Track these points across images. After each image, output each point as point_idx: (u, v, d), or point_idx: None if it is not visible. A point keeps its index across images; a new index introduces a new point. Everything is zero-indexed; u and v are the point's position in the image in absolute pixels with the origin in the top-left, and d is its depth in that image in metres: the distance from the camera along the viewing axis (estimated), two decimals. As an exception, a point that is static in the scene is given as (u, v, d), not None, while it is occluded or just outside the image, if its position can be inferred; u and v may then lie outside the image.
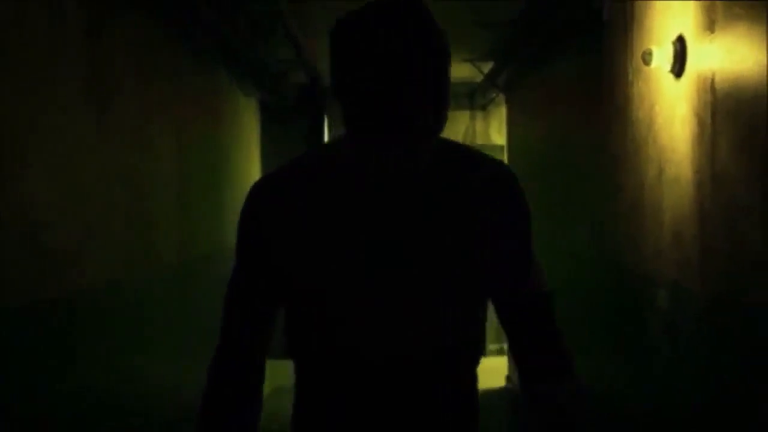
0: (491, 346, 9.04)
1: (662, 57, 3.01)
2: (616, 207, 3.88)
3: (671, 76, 3.05)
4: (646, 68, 3.21)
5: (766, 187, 2.35)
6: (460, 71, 7.35)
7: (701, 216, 2.85)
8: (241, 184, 5.58)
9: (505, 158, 7.28)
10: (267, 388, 1.60)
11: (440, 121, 1.42)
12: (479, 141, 8.75)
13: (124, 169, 3.06)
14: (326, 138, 8.29)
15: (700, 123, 2.84)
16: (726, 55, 2.63)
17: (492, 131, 8.94)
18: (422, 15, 1.40)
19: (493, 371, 7.52)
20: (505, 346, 7.94)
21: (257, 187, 1.50)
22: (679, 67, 2.97)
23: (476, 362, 1.54)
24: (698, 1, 2.83)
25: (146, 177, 3.36)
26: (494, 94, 8.03)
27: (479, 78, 7.60)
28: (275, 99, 6.74)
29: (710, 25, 2.73)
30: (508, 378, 7.47)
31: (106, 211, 2.91)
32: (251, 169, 6.10)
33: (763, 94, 2.36)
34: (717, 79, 2.69)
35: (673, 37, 3.01)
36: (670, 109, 3.13)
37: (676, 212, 3.09)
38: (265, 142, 6.67)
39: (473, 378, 1.54)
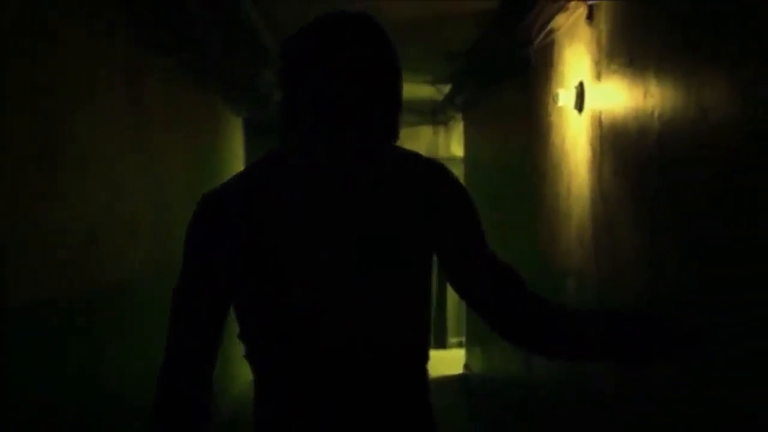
0: (452, 339, 9.87)
1: (567, 97, 3.89)
2: (542, 214, 4.76)
3: (576, 112, 3.93)
4: (558, 105, 4.10)
5: (634, 203, 3.22)
6: (424, 91, 8.12)
7: (594, 224, 3.70)
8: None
9: (462, 169, 8.10)
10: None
11: (395, 126, 1.52)
12: (441, 153, 9.41)
13: (153, 179, 3.84)
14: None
15: (593, 151, 3.71)
16: (608, 98, 3.49)
17: (453, 144, 9.64)
18: (375, 25, 1.50)
19: (453, 360, 8.37)
20: (464, 339, 8.77)
21: (210, 197, 1.51)
22: (580, 105, 3.85)
23: (427, 355, 1.57)
24: (590, 58, 3.72)
25: (166, 188, 4.11)
26: (453, 113, 8.85)
27: (440, 97, 8.44)
28: (259, 117, 7.36)
29: (598, 75, 3.61)
30: (466, 366, 8.29)
31: (140, 214, 3.69)
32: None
33: (632, 131, 3.22)
34: (603, 116, 3.56)
35: (576, 82, 3.88)
36: (575, 138, 4.00)
37: (579, 220, 3.95)
38: (249, 155, 7.24)
39: (425, 371, 1.57)
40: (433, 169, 1.56)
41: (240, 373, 5.50)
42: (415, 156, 1.57)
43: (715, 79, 2.37)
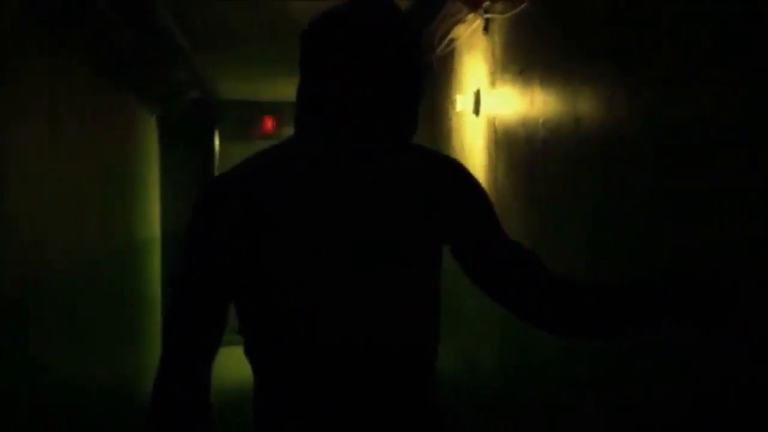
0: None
1: (466, 103, 4.19)
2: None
3: (474, 117, 4.23)
4: (457, 110, 4.39)
5: (522, 199, 3.53)
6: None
7: (490, 216, 4.01)
8: (144, 191, 6.44)
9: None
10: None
11: (415, 125, 1.48)
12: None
13: (69, 180, 3.95)
14: (217, 150, 9.04)
15: (489, 153, 4.01)
16: (501, 105, 3.81)
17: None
18: (402, 20, 1.45)
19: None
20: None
21: (217, 185, 1.45)
22: (477, 110, 4.15)
23: (434, 355, 1.53)
24: (486, 67, 4.02)
25: (80, 191, 4.18)
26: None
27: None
28: (172, 115, 7.41)
29: (493, 83, 3.91)
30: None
31: (60, 210, 3.79)
32: (151, 177, 6.90)
33: (521, 135, 3.53)
34: (497, 121, 3.87)
35: (474, 88, 4.18)
36: (473, 141, 4.31)
37: (477, 214, 4.26)
38: (163, 154, 7.30)
39: (431, 371, 1.53)
40: (446, 165, 1.54)
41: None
42: (429, 153, 1.54)
43: (586, 91, 2.69)
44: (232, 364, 3.81)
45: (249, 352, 1.50)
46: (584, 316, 1.51)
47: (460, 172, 1.55)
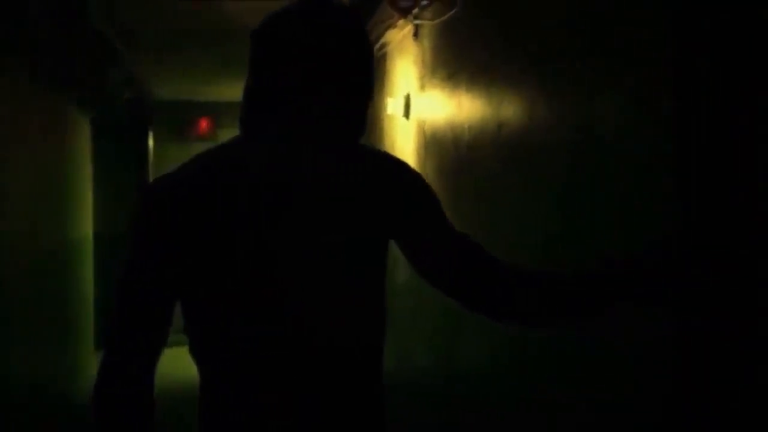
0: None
1: (396, 106, 4.31)
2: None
3: (404, 120, 4.35)
4: (388, 113, 4.52)
5: (449, 198, 3.66)
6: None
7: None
8: (76, 192, 6.40)
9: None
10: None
11: (365, 125, 1.47)
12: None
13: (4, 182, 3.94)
14: (151, 150, 8.99)
15: (419, 155, 4.14)
16: (430, 109, 3.93)
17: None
18: (355, 18, 1.45)
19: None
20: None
21: (160, 185, 1.44)
22: (407, 113, 4.28)
23: (382, 348, 1.55)
24: (416, 71, 4.15)
25: (3, 187, 4.16)
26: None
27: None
28: (106, 116, 7.35)
29: (422, 87, 4.04)
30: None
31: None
32: (84, 178, 6.86)
33: (449, 138, 3.66)
34: (426, 124, 4.00)
35: (405, 92, 4.31)
36: (404, 143, 4.43)
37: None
38: (96, 155, 7.24)
39: (381, 364, 1.55)
40: (392, 165, 1.55)
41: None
42: (377, 153, 1.56)
43: (508, 98, 2.83)
44: (179, 364, 3.83)
45: (195, 352, 1.49)
46: (531, 302, 1.55)
47: (405, 171, 1.56)
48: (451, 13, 3.45)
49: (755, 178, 1.60)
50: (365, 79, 1.47)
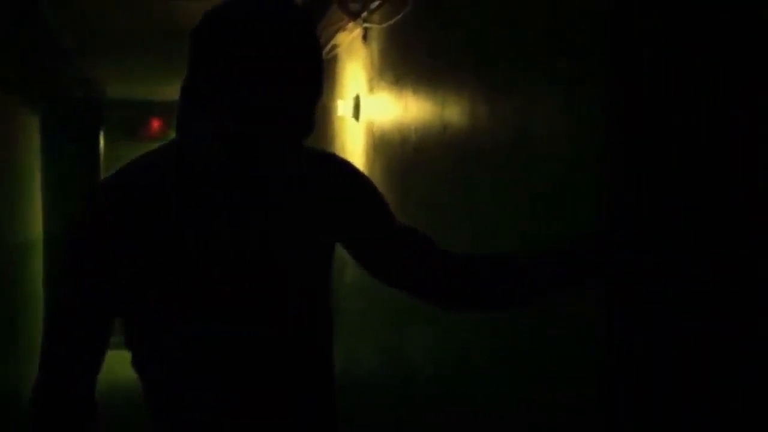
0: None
1: (346, 108, 4.37)
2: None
3: (354, 121, 4.41)
4: (338, 114, 4.57)
5: (397, 198, 3.73)
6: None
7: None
8: (24, 192, 6.35)
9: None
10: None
11: (311, 126, 1.40)
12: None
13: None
14: (102, 149, 8.93)
15: (368, 155, 4.20)
16: (379, 111, 4.00)
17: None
18: (304, 16, 1.37)
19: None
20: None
21: (96, 196, 1.40)
22: (357, 114, 4.34)
23: (331, 352, 1.56)
24: (365, 74, 4.22)
25: None
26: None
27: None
28: (56, 115, 7.32)
29: (371, 89, 4.11)
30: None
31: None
32: (32, 178, 6.81)
33: (397, 139, 3.73)
34: (375, 125, 4.07)
35: (354, 94, 4.37)
36: (354, 145, 4.50)
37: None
38: (46, 154, 7.20)
39: (332, 362, 1.56)
40: (337, 166, 1.54)
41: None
42: (321, 154, 1.54)
43: (451, 100, 2.90)
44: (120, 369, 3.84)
45: (139, 364, 1.46)
46: (482, 287, 1.55)
47: (348, 172, 1.55)
48: (398, 17, 3.52)
49: (672, 172, 1.69)
50: (311, 76, 1.37)
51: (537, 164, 2.21)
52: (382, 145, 3.94)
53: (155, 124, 9.28)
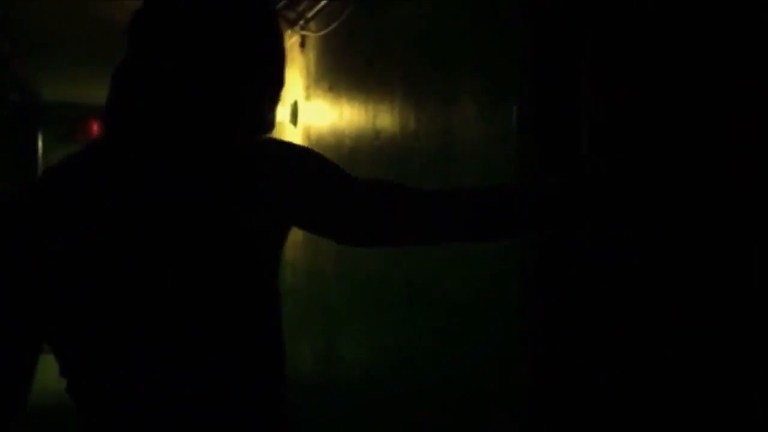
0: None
1: (284, 113, 4.51)
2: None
3: (292, 126, 4.56)
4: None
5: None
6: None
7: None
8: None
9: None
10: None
11: (263, 122, 1.25)
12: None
13: None
14: (40, 155, 8.86)
15: (305, 158, 4.34)
16: (315, 117, 4.15)
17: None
18: (262, 3, 1.22)
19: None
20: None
21: (14, 203, 1.23)
22: (295, 120, 4.48)
23: (280, 364, 1.39)
24: (302, 80, 4.36)
25: None
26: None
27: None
28: None
29: (308, 96, 4.26)
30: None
31: None
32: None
33: (332, 144, 3.88)
34: (311, 131, 4.22)
35: (292, 100, 4.51)
36: (291, 148, 4.63)
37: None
38: None
39: (280, 381, 1.39)
40: (267, 155, 1.31)
41: None
42: (257, 147, 1.29)
43: (383, 109, 3.08)
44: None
45: (72, 394, 1.31)
46: (461, 220, 1.36)
47: (277, 154, 1.33)
48: (333, 26, 3.67)
49: (579, 168, 1.87)
50: (267, 64, 1.23)
51: (458, 165, 2.39)
52: (319, 149, 4.07)
53: (94, 126, 9.26)
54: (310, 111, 4.21)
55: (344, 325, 3.64)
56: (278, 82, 1.28)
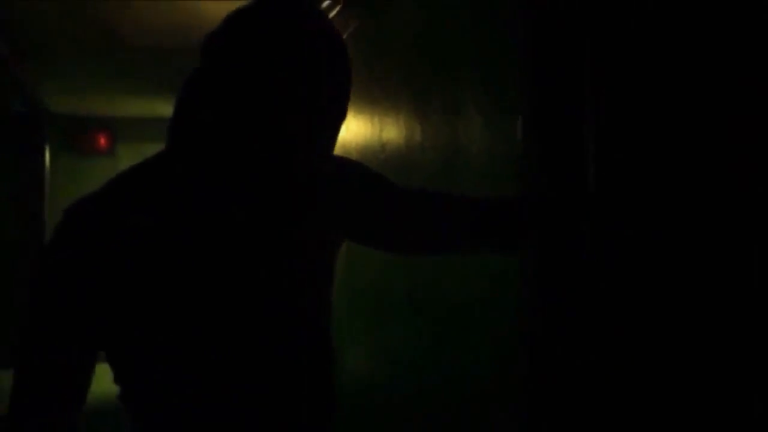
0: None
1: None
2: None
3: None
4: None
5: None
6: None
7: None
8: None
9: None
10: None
11: (330, 147, 1.26)
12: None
13: None
14: (48, 165, 8.86)
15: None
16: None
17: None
18: (332, 27, 1.23)
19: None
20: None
21: (81, 215, 1.23)
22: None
23: (330, 375, 1.43)
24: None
25: None
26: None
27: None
28: None
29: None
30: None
31: None
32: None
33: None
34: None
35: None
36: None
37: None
38: None
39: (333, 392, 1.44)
40: (334, 176, 1.37)
41: None
42: (316, 166, 1.28)
43: (389, 121, 3.11)
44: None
45: (126, 402, 1.32)
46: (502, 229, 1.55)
47: (344, 173, 1.42)
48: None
49: (584, 180, 1.90)
50: (335, 96, 1.23)
51: (464, 176, 2.42)
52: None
53: (101, 139, 9.30)
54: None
55: (344, 324, 3.66)
56: (340, 114, 1.28)
